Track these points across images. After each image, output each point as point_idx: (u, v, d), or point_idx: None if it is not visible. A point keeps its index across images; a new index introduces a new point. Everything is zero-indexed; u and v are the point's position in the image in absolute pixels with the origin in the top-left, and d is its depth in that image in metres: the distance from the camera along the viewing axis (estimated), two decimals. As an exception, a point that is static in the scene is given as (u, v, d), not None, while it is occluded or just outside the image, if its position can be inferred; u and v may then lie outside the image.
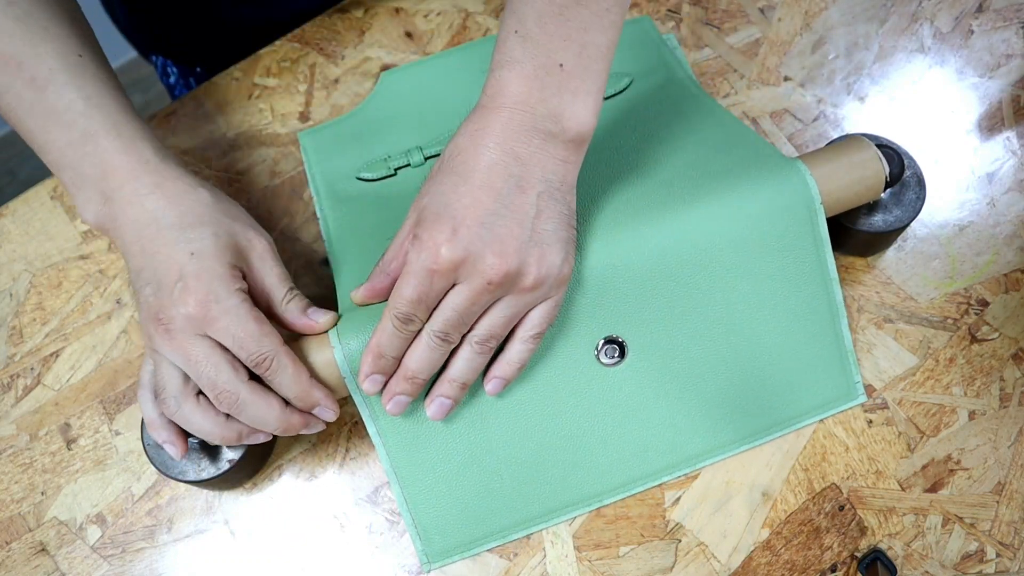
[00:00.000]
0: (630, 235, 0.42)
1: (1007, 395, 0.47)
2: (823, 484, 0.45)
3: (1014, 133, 0.55)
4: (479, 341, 0.39)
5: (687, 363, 0.44)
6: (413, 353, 0.39)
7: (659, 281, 0.43)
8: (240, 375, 0.38)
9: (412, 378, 0.39)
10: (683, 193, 0.43)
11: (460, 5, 0.63)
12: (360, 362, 0.40)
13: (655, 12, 0.61)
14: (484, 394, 0.43)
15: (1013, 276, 0.50)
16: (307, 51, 0.61)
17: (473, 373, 0.41)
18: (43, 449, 0.49)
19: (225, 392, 0.38)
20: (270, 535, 0.46)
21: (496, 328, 0.39)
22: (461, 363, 0.40)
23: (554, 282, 0.39)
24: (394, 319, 0.38)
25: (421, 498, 0.44)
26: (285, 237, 0.54)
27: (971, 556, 0.43)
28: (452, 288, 0.38)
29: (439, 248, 0.36)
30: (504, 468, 0.44)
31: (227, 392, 0.38)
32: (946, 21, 0.60)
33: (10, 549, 0.46)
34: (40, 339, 0.52)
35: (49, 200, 0.57)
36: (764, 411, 0.46)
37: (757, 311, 0.45)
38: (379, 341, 0.39)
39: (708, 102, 0.53)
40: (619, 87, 0.54)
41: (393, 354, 0.39)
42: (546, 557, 0.44)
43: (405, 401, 0.40)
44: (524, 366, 0.41)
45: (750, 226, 0.43)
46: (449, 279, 0.37)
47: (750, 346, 0.45)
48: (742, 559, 0.44)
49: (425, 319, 0.38)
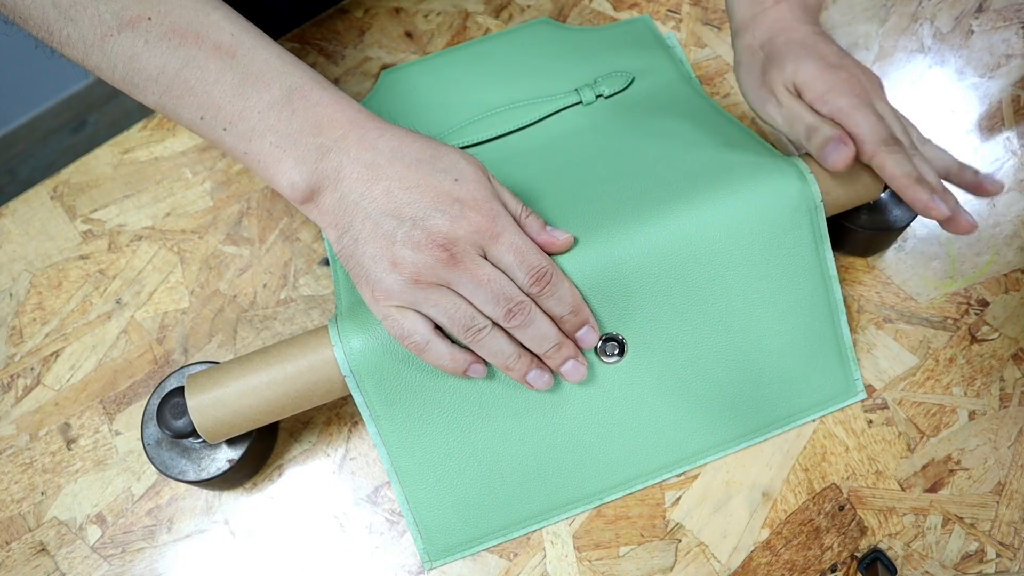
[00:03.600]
0: (630, 232, 0.42)
1: (1007, 395, 0.47)
2: (823, 484, 0.45)
3: (1014, 133, 0.55)
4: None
5: (687, 360, 0.45)
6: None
7: (659, 278, 0.43)
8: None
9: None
10: (683, 191, 0.43)
11: (460, 5, 0.63)
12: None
13: (655, 12, 0.61)
14: (485, 392, 0.43)
15: (1013, 276, 0.50)
16: (307, 51, 0.61)
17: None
18: (43, 449, 0.49)
19: (519, 304, 0.38)
20: (270, 535, 0.46)
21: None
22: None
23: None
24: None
25: (422, 497, 0.44)
26: (285, 237, 0.54)
27: (971, 556, 0.43)
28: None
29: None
30: (505, 466, 0.44)
31: (521, 303, 0.38)
32: (946, 21, 0.60)
33: (10, 549, 0.46)
34: (40, 339, 0.52)
35: (49, 200, 0.57)
36: (764, 408, 0.46)
37: (757, 308, 0.45)
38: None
39: (708, 102, 0.53)
40: (620, 85, 0.54)
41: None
42: (546, 557, 0.44)
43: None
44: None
45: (750, 223, 0.43)
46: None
47: (750, 343, 0.45)
48: (742, 559, 0.44)
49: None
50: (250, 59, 0.36)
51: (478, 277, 0.37)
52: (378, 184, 0.37)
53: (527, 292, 0.39)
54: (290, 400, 0.41)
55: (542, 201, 0.45)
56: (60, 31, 0.35)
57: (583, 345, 0.42)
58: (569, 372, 0.42)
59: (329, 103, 0.37)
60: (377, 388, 0.41)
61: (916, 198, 0.41)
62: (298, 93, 0.37)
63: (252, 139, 0.37)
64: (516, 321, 0.38)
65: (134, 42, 0.35)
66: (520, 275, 0.38)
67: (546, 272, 0.39)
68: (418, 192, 0.37)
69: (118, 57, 0.35)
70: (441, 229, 0.37)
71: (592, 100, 0.54)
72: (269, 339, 0.51)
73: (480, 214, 0.37)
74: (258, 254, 0.54)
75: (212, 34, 0.36)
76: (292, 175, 0.37)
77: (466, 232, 0.37)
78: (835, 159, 0.41)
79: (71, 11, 0.34)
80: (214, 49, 0.36)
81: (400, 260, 0.37)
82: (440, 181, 0.37)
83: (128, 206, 0.56)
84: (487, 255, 0.38)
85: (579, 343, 0.41)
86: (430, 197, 0.37)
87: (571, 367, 0.41)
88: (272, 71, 0.37)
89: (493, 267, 0.38)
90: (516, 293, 0.38)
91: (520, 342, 0.40)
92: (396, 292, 0.37)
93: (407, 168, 0.37)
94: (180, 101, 0.36)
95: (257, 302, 0.52)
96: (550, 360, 0.41)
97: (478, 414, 0.43)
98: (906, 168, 0.41)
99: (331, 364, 0.41)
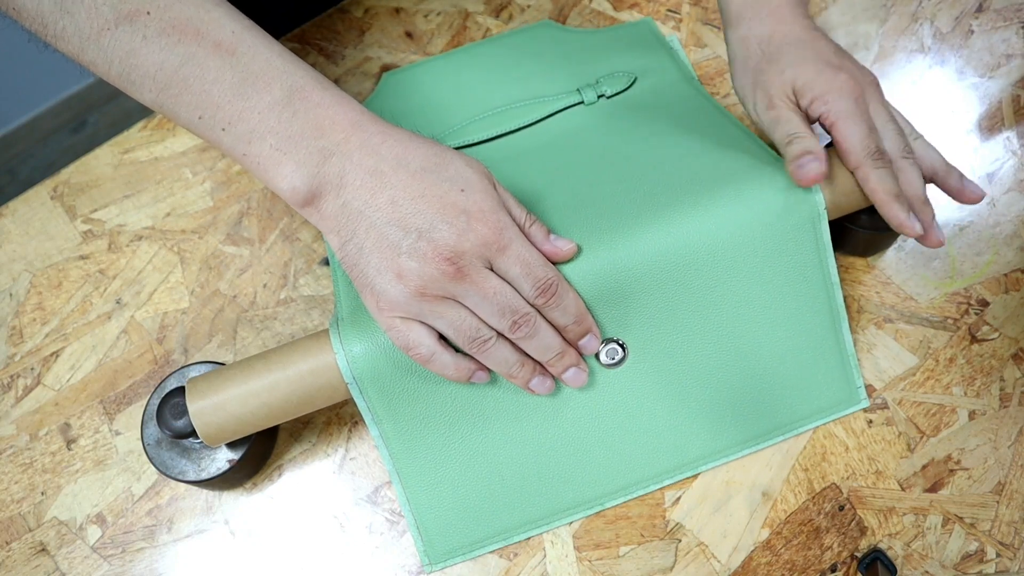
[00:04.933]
0: (632, 236, 0.42)
1: (1007, 395, 0.47)
2: (823, 484, 0.45)
3: (1014, 133, 0.55)
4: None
5: (688, 366, 0.44)
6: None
7: (660, 283, 0.43)
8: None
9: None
10: (685, 195, 0.43)
11: (460, 5, 0.63)
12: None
13: (655, 12, 0.61)
14: (487, 397, 0.43)
15: (1013, 276, 0.50)
16: (307, 51, 0.61)
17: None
18: (43, 449, 0.49)
19: (524, 316, 0.38)
20: (270, 535, 0.46)
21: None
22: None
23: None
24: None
25: (424, 499, 0.44)
26: (285, 237, 0.54)
27: (971, 556, 0.43)
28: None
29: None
30: (506, 470, 0.44)
31: (526, 316, 0.38)
32: (946, 21, 0.60)
33: (10, 549, 0.46)
34: (40, 339, 0.52)
35: (49, 200, 0.57)
36: (765, 415, 0.46)
37: (758, 314, 0.44)
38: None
39: (711, 103, 0.53)
40: (622, 85, 0.54)
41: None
42: (546, 557, 0.44)
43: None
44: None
45: (753, 230, 0.43)
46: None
47: (751, 349, 0.45)
48: (742, 559, 0.44)
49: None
50: (251, 58, 0.36)
51: (484, 290, 0.37)
52: (383, 193, 0.36)
53: (532, 303, 0.39)
54: (291, 405, 0.41)
55: (544, 202, 0.45)
56: (55, 24, 0.34)
57: (585, 352, 0.42)
58: (571, 379, 0.42)
59: (331, 104, 0.37)
60: (379, 394, 0.41)
61: (893, 215, 0.42)
62: (299, 94, 0.36)
63: (252, 141, 0.36)
64: (521, 333, 0.38)
65: (132, 37, 0.34)
66: (526, 287, 0.38)
67: (552, 284, 0.38)
68: (424, 202, 0.36)
69: (115, 52, 0.34)
70: (448, 242, 0.36)
71: (594, 100, 0.54)
72: (269, 339, 0.51)
73: (487, 226, 0.37)
74: (258, 254, 0.54)
75: (212, 31, 0.35)
76: (292, 179, 0.36)
77: (472, 245, 0.36)
78: (804, 173, 0.41)
79: (67, 3, 0.33)
80: (214, 46, 0.35)
81: (405, 272, 0.36)
82: (446, 191, 0.37)
83: (128, 206, 0.56)
84: (493, 267, 0.38)
85: (581, 350, 0.42)
86: (436, 208, 0.36)
87: (573, 374, 0.42)
88: (273, 70, 0.36)
89: (499, 279, 0.38)
90: (522, 305, 0.38)
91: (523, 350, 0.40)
92: (401, 304, 0.37)
93: (412, 177, 0.37)
94: (178, 99, 0.35)
95: (257, 302, 0.52)
96: (552, 368, 0.41)
97: (480, 418, 0.43)
98: (887, 184, 0.42)
99: (332, 370, 0.41)
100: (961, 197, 0.45)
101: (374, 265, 0.37)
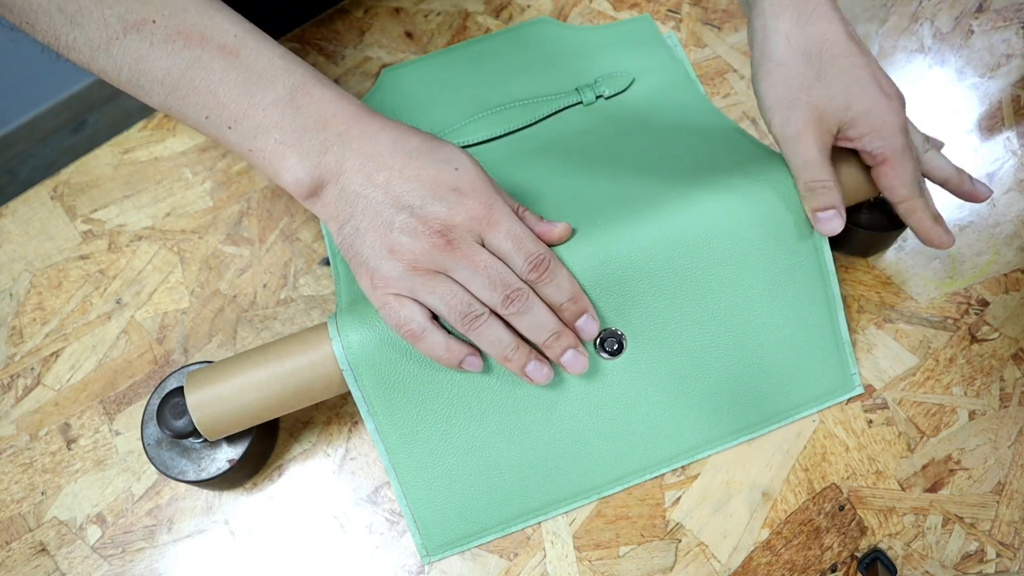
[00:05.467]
0: (629, 228, 0.42)
1: (1007, 395, 0.47)
2: (823, 484, 0.45)
3: (1014, 133, 0.55)
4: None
5: (685, 355, 0.45)
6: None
7: (657, 274, 0.43)
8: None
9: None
10: (681, 187, 0.44)
11: (460, 5, 0.63)
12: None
13: (655, 12, 0.61)
14: (483, 387, 0.43)
15: (1013, 276, 0.50)
16: (307, 51, 0.61)
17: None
18: (43, 449, 0.49)
19: (517, 291, 0.38)
20: (270, 535, 0.46)
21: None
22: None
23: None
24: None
25: (420, 492, 0.44)
26: (285, 237, 0.54)
27: (971, 556, 0.43)
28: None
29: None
30: (503, 461, 0.44)
31: (519, 291, 0.38)
32: (946, 21, 0.60)
33: (10, 549, 0.46)
34: (40, 339, 0.52)
35: (49, 200, 0.57)
36: (762, 402, 0.46)
37: (755, 303, 0.45)
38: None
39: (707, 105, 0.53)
40: (620, 87, 0.54)
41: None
42: (546, 557, 0.44)
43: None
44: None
45: (748, 219, 0.43)
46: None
47: (747, 338, 0.45)
48: (742, 559, 0.44)
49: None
50: (254, 58, 0.37)
51: (475, 263, 0.38)
52: (379, 174, 0.38)
53: (525, 279, 0.39)
54: (289, 396, 0.41)
55: (541, 202, 0.45)
56: (66, 36, 0.36)
57: (583, 336, 0.41)
58: (569, 362, 0.41)
59: (331, 100, 0.38)
60: (375, 383, 0.41)
61: (937, 240, 0.44)
62: (301, 91, 0.37)
63: (257, 136, 0.37)
64: (514, 308, 0.38)
65: (139, 45, 0.36)
66: (518, 262, 0.38)
67: (544, 259, 0.39)
68: (417, 182, 0.38)
69: (124, 60, 0.36)
70: (438, 216, 0.37)
71: (592, 100, 0.54)
72: (269, 339, 0.51)
73: (478, 201, 0.38)
74: (258, 254, 0.54)
75: (216, 35, 0.37)
76: (296, 171, 0.37)
77: (463, 219, 0.37)
78: (826, 227, 0.43)
79: (77, 16, 0.35)
80: (218, 49, 0.36)
81: (398, 247, 0.37)
82: (439, 171, 0.38)
83: (128, 206, 0.56)
84: (484, 243, 0.38)
85: (579, 333, 0.41)
86: (429, 186, 0.38)
87: (571, 357, 0.41)
88: (275, 70, 0.37)
89: (490, 254, 0.38)
90: (514, 280, 0.38)
91: (519, 333, 0.40)
92: (394, 279, 0.38)
93: (407, 158, 0.38)
94: (185, 101, 0.37)
95: (257, 302, 0.52)
96: (549, 350, 0.41)
97: (476, 409, 0.43)
98: (931, 210, 0.43)
99: (330, 359, 0.41)
100: (974, 198, 0.45)
101: (368, 243, 0.38)
